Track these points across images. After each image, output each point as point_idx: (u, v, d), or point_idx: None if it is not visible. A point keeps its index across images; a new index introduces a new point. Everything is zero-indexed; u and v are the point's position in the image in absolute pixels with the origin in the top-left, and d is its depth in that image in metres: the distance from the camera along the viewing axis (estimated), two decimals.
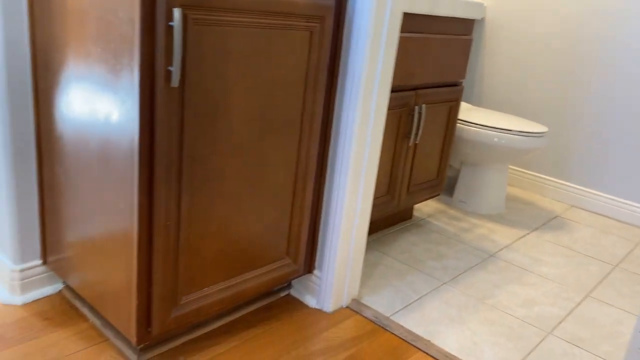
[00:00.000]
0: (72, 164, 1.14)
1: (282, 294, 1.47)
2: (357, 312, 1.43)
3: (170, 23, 0.89)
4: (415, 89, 1.69)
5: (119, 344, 1.19)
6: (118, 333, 1.20)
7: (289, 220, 1.29)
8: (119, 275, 1.07)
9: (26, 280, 1.29)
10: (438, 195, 2.03)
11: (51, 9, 1.09)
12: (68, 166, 1.15)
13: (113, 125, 0.99)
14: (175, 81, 0.92)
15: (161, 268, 1.04)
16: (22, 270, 1.28)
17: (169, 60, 0.91)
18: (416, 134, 1.73)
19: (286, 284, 1.47)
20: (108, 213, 1.06)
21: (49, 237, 1.29)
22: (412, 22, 1.58)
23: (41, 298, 1.32)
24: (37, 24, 1.15)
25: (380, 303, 1.49)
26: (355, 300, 1.48)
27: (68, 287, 1.35)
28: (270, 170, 1.19)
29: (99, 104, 1.01)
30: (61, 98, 1.12)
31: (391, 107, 1.58)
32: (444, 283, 1.64)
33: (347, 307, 1.46)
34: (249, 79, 1.06)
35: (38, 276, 1.32)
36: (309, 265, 1.41)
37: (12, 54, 1.15)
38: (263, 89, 1.10)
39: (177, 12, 0.88)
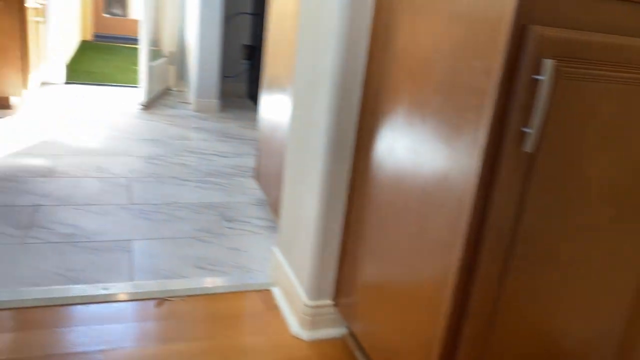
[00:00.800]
0: (383, 211, 1.08)
1: None
2: None
3: (536, 76, 0.74)
4: None
5: None
6: None
7: (624, 328, 1.00)
8: (412, 342, 0.96)
9: (316, 318, 1.30)
10: None
11: (390, 55, 1.06)
12: (378, 213, 1.10)
13: (440, 182, 0.89)
14: (529, 145, 0.77)
15: (466, 356, 0.89)
16: (314, 307, 1.29)
17: (525, 120, 0.76)
18: None
19: None
20: (414, 272, 0.96)
21: (343, 279, 1.27)
22: None
23: (325, 339, 1.31)
24: (372, 70, 1.14)
25: None
26: None
27: (351, 333, 1.31)
28: (618, 262, 0.93)
29: (426, 157, 0.93)
30: (382, 143, 1.08)
31: None
32: None
33: None
34: (613, 148, 0.84)
35: (326, 316, 1.31)
36: None
37: (345, 99, 1.17)
38: (628, 162, 0.86)
39: (548, 64, 0.73)
